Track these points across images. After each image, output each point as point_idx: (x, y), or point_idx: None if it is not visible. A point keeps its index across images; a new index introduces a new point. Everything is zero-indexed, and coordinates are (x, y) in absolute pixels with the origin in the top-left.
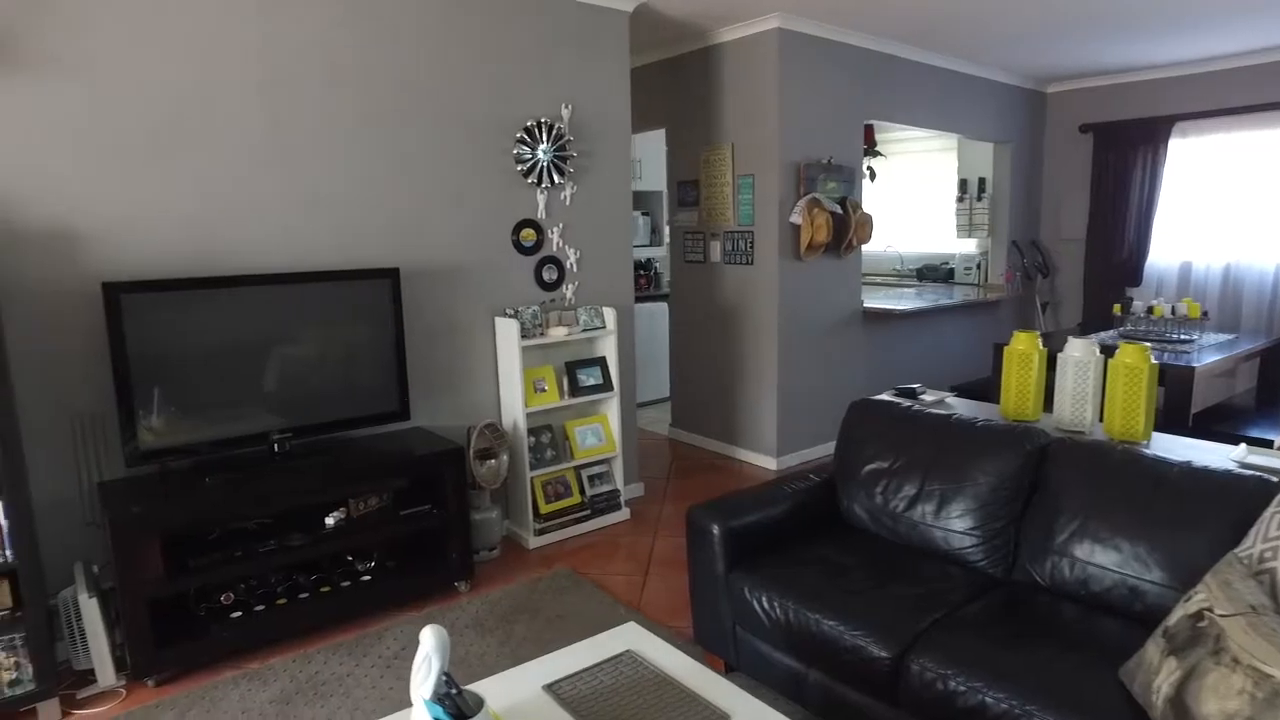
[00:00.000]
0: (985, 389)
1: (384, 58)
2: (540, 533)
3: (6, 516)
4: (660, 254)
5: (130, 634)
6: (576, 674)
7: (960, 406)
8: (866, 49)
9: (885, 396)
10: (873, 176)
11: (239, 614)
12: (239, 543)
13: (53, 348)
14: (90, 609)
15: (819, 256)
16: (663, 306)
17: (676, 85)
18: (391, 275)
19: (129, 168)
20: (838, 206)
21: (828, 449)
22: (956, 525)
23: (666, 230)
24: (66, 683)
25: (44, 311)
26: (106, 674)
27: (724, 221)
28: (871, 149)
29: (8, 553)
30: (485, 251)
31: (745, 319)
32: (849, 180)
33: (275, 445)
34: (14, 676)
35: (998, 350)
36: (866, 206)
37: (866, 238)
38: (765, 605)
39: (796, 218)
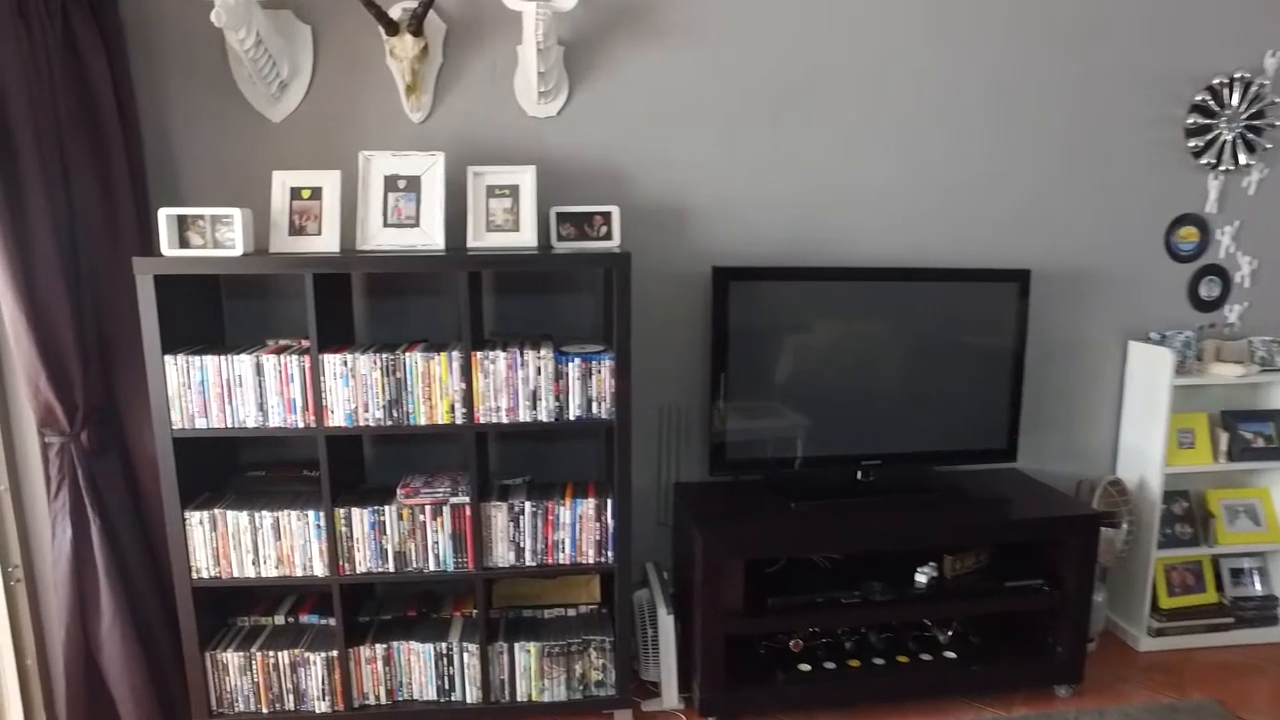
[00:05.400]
0: None
1: (1016, 9)
2: (1158, 633)
3: (614, 516)
4: None
5: (703, 666)
6: None
7: None
8: None
9: None
10: None
11: (807, 666)
12: (814, 584)
13: (653, 331)
14: (667, 626)
15: None
16: None
17: None
18: (1020, 278)
19: (736, 142)
20: None
21: None
22: None
23: None
24: (632, 685)
25: (651, 292)
26: (670, 693)
27: None
28: None
29: (609, 554)
30: (1124, 255)
31: None
32: None
33: (860, 473)
34: (600, 678)
35: None
36: None
37: None
38: None
39: None
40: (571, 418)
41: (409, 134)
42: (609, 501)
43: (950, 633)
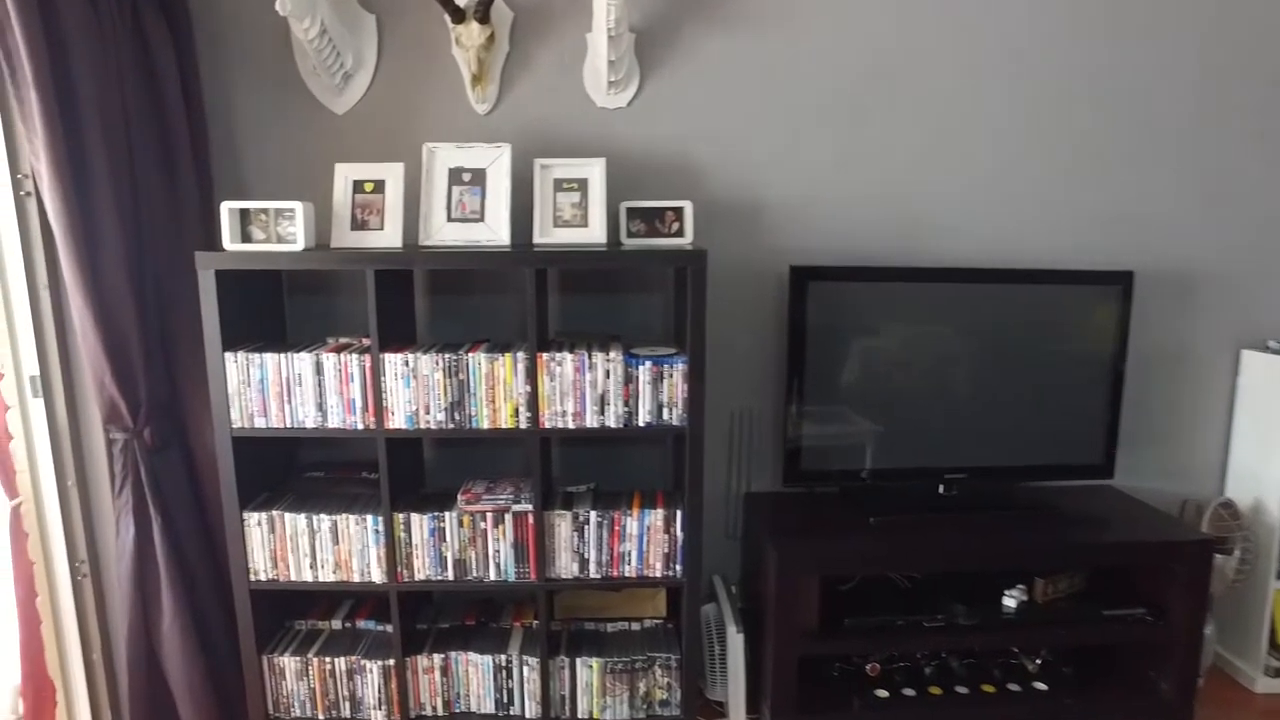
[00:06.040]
0: None
1: None
2: (1278, 673)
3: (683, 529)
4: None
5: (774, 687)
6: None
7: None
8: None
9: None
10: None
11: (884, 693)
12: (891, 604)
13: (724, 333)
14: (735, 644)
15: None
16: None
17: None
18: (1123, 281)
19: (814, 135)
20: None
21: None
22: None
23: None
24: (697, 704)
25: (722, 292)
26: (738, 715)
27: None
28: None
29: (677, 567)
30: (1238, 256)
31: None
32: None
33: (943, 486)
34: (664, 697)
35: None
36: None
37: None
38: None
39: None
40: (641, 424)
41: (474, 125)
42: (678, 513)
43: (1039, 661)
